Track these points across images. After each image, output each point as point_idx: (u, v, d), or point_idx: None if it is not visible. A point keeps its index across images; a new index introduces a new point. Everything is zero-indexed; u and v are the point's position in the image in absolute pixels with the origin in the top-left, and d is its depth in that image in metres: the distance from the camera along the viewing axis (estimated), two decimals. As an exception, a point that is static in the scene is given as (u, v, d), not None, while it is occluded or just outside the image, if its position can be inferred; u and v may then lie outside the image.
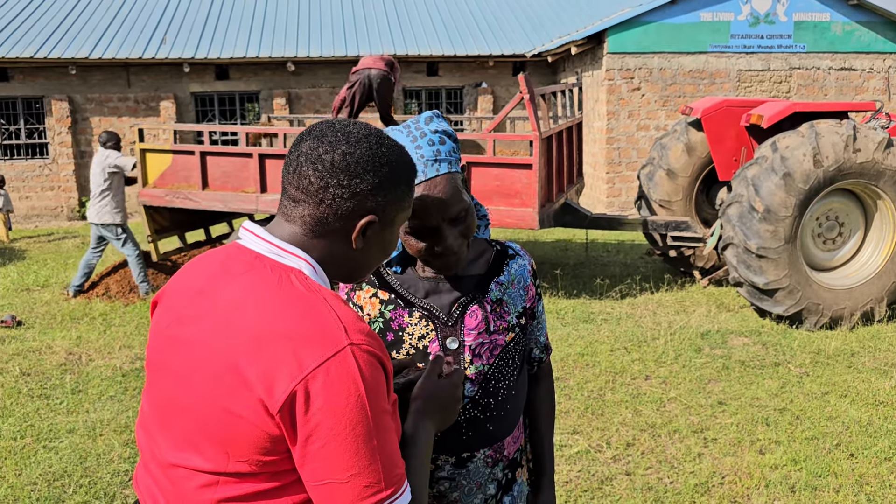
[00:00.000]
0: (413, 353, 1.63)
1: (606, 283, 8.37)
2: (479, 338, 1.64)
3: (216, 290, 1.22)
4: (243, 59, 15.24)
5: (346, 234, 1.27)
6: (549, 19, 17.72)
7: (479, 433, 1.65)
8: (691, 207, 8.48)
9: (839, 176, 6.49)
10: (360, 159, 1.24)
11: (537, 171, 6.95)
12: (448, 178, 1.53)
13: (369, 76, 8.29)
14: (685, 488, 3.85)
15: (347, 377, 1.10)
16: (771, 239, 6.41)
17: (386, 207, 1.28)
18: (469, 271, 1.67)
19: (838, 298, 6.64)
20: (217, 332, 1.17)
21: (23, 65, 14.87)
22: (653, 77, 13.43)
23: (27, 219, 15.35)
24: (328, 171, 1.23)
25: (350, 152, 1.23)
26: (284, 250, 1.24)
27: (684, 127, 8.38)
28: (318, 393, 1.09)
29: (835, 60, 13.70)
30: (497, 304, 1.67)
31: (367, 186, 1.24)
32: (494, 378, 1.65)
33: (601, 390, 5.21)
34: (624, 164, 13.70)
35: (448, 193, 1.52)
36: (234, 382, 1.13)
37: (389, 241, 1.34)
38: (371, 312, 1.65)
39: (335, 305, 1.18)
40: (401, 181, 1.29)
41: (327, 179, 1.23)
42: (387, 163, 1.26)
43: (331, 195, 1.23)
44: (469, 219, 1.57)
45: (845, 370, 5.58)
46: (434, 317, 1.63)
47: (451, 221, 1.55)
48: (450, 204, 1.52)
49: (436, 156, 1.54)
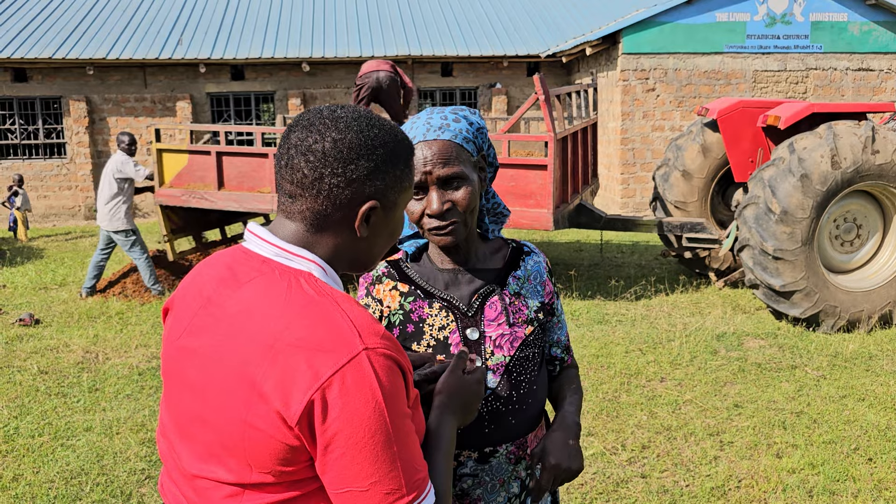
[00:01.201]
0: (434, 344, 1.63)
1: (621, 285, 8.34)
2: (499, 329, 1.65)
3: (225, 299, 1.20)
4: (258, 60, 15.31)
5: (349, 224, 1.23)
6: (564, 20, 17.68)
7: (502, 427, 1.65)
8: (707, 209, 8.44)
9: (857, 178, 6.44)
10: (351, 144, 1.20)
11: (552, 171, 6.94)
12: (446, 143, 1.56)
13: (378, 78, 8.36)
14: (701, 492, 3.83)
15: (364, 383, 1.08)
16: (788, 241, 6.37)
17: (386, 191, 1.24)
18: (487, 265, 1.69)
19: (856, 301, 6.59)
20: (229, 344, 1.15)
21: (41, 65, 15.01)
22: (668, 78, 13.37)
23: (45, 218, 15.49)
24: (320, 160, 1.19)
25: (340, 138, 1.20)
26: (291, 253, 1.21)
27: (700, 128, 8.34)
28: (335, 401, 1.07)
29: (852, 61, 13.59)
30: (515, 296, 1.68)
31: (362, 171, 1.20)
32: (516, 370, 1.66)
33: (616, 392, 5.19)
34: (639, 164, 13.65)
35: (439, 153, 1.55)
36: (250, 395, 1.11)
37: (395, 224, 1.31)
38: (391, 305, 1.66)
39: (348, 309, 1.14)
40: (398, 161, 1.25)
41: (321, 170, 1.19)
42: (380, 144, 1.22)
43: (327, 185, 1.19)
44: (463, 190, 1.56)
45: (863, 373, 5.54)
46: (454, 307, 1.64)
47: (440, 183, 1.55)
48: (437, 163, 1.54)
49: (441, 126, 1.57)
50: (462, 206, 1.56)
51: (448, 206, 1.56)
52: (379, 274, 1.70)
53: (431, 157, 1.55)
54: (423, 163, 1.54)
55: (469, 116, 1.64)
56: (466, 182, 1.57)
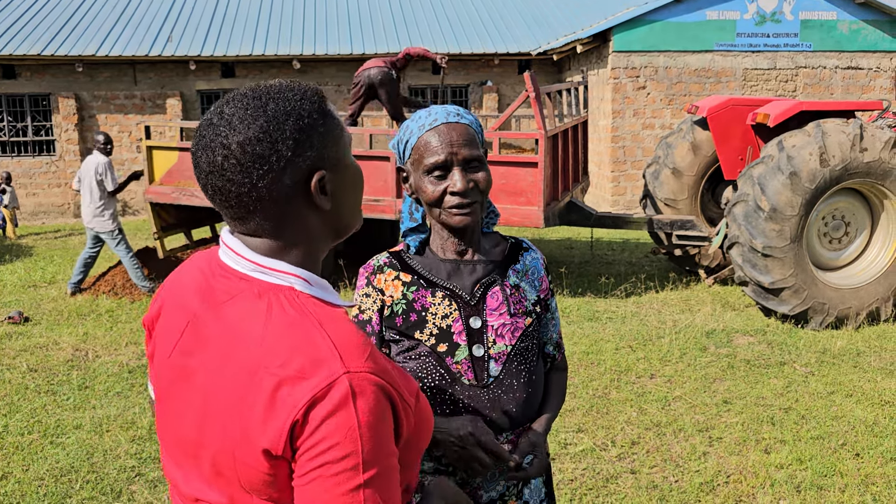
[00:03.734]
0: (437, 332, 1.66)
1: (611, 282, 8.37)
2: (500, 318, 1.69)
3: (210, 319, 1.13)
4: (249, 57, 15.26)
5: (308, 207, 1.14)
6: (555, 18, 17.70)
7: (503, 415, 1.68)
8: (697, 206, 8.47)
9: (846, 175, 6.48)
10: (259, 136, 1.08)
11: (542, 169, 6.95)
12: (467, 127, 1.64)
13: (369, 75, 8.37)
14: (690, 487, 3.85)
15: (341, 409, 1.01)
16: (777, 238, 6.41)
17: (323, 153, 1.13)
18: (488, 257, 1.74)
19: (844, 298, 6.63)
20: (221, 370, 1.09)
21: (30, 62, 14.92)
22: (658, 76, 13.41)
23: (34, 216, 15.41)
24: (241, 173, 1.08)
25: (244, 138, 1.08)
26: (267, 268, 1.11)
27: (690, 126, 8.37)
28: (311, 427, 1.01)
29: (841, 59, 13.66)
30: (515, 288, 1.73)
31: (287, 152, 1.09)
32: (517, 360, 1.70)
33: (606, 389, 5.21)
34: (629, 162, 13.69)
35: (464, 135, 1.62)
36: (236, 430, 1.06)
37: (354, 175, 1.20)
38: (393, 294, 1.69)
39: (331, 330, 1.06)
40: (315, 119, 1.13)
41: (248, 181, 1.08)
42: (285, 113, 1.10)
43: (264, 189, 1.09)
44: (482, 172, 1.64)
45: (851, 370, 5.58)
46: (457, 296, 1.68)
47: (463, 164, 1.62)
48: (463, 144, 1.61)
49: (459, 113, 1.65)
50: (482, 185, 1.64)
51: (472, 185, 1.62)
52: (380, 264, 1.73)
53: (457, 137, 1.61)
54: (450, 143, 1.61)
55: (474, 115, 1.72)
56: (484, 165, 1.65)
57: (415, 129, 1.66)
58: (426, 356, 1.66)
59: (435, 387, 1.66)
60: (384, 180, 7.48)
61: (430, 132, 1.63)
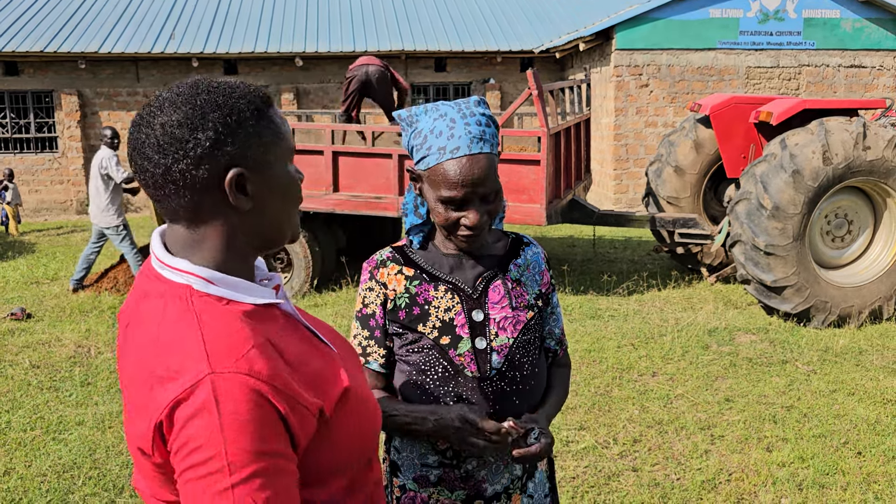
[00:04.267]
0: (440, 325, 1.67)
1: (613, 280, 8.36)
2: (502, 311, 1.71)
3: (130, 321, 1.15)
4: (251, 54, 15.26)
5: (226, 204, 1.13)
6: (558, 15, 17.68)
7: (506, 407, 1.70)
8: (699, 204, 8.47)
9: (849, 174, 6.47)
10: (181, 121, 1.09)
11: (545, 167, 6.95)
12: (488, 158, 1.62)
13: (367, 72, 8.40)
14: (692, 485, 3.85)
15: (206, 418, 1.00)
16: (779, 236, 6.40)
17: (245, 152, 1.12)
18: (489, 252, 1.76)
19: (846, 296, 6.62)
20: (129, 373, 1.11)
21: (33, 59, 14.93)
22: (661, 73, 13.40)
23: (36, 212, 15.42)
24: (158, 151, 1.09)
25: (167, 120, 1.09)
26: (172, 267, 1.12)
27: (693, 124, 8.36)
28: (176, 430, 1.01)
29: (844, 58, 13.63)
30: (517, 282, 1.75)
31: (206, 143, 1.09)
32: (519, 352, 1.72)
33: (608, 386, 5.21)
34: (632, 160, 13.68)
35: (486, 171, 1.60)
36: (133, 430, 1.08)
37: (284, 184, 1.18)
38: (396, 288, 1.71)
39: (208, 329, 1.05)
40: (243, 119, 1.13)
41: (163, 161, 1.09)
42: (214, 108, 1.11)
43: (178, 174, 1.09)
44: (497, 202, 1.66)
45: (853, 368, 5.57)
46: (459, 290, 1.70)
47: (482, 198, 1.62)
48: (485, 181, 1.60)
49: (482, 135, 1.62)
50: (495, 213, 1.66)
51: (486, 219, 1.64)
52: (383, 258, 1.75)
53: (479, 174, 1.59)
54: (471, 180, 1.58)
55: (492, 116, 1.67)
56: (499, 193, 1.66)
57: (434, 149, 1.60)
58: (429, 349, 1.68)
59: (438, 379, 1.68)
60: (386, 177, 7.48)
61: (451, 162, 1.58)
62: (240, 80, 1.21)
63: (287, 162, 1.20)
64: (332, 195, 7.64)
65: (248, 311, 1.12)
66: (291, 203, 1.21)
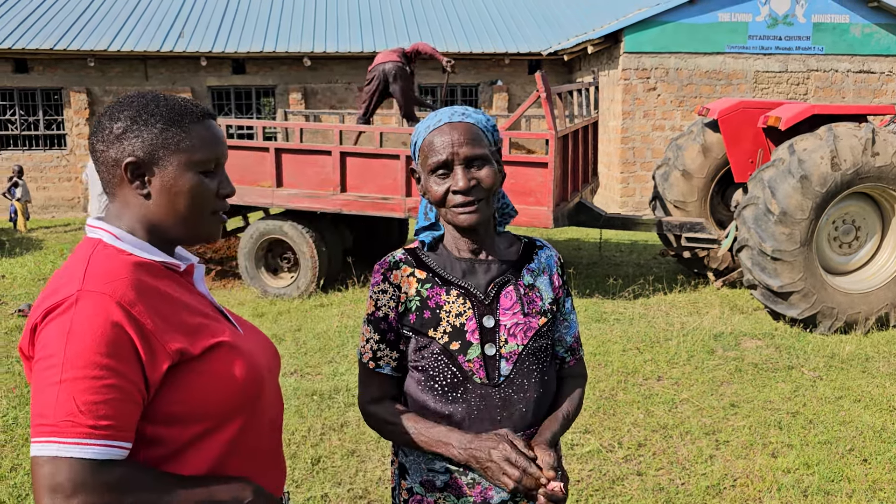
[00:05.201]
0: (451, 330, 1.66)
1: (619, 283, 8.36)
2: (514, 318, 1.69)
3: None
4: (260, 54, 15.30)
5: (129, 186, 1.36)
6: (566, 18, 17.67)
7: (514, 415, 1.68)
8: (706, 209, 8.45)
9: (857, 179, 6.46)
10: (107, 111, 1.37)
11: (552, 169, 6.95)
12: (470, 126, 1.65)
13: (384, 70, 8.33)
14: (696, 490, 3.85)
15: (61, 320, 1.19)
16: (786, 241, 6.39)
17: (149, 148, 1.34)
18: (502, 256, 1.74)
19: (853, 302, 6.61)
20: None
21: (42, 56, 14.99)
22: (669, 77, 13.38)
23: (44, 209, 15.48)
24: (92, 133, 1.38)
25: (103, 113, 1.38)
26: (90, 226, 1.37)
27: (701, 128, 8.35)
28: (39, 331, 1.22)
29: (853, 63, 13.60)
30: (530, 288, 1.73)
31: (117, 131, 1.34)
32: (529, 360, 1.70)
33: (613, 390, 5.21)
34: (638, 164, 13.66)
35: (465, 134, 1.63)
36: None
37: (184, 188, 1.37)
38: (408, 291, 1.69)
39: (94, 260, 1.28)
40: (153, 121, 1.35)
41: (92, 141, 1.38)
42: (129, 106, 1.36)
43: (100, 153, 1.36)
44: (486, 169, 1.64)
45: (859, 375, 5.56)
46: (471, 295, 1.69)
47: (465, 162, 1.62)
48: (464, 143, 1.62)
49: (464, 112, 1.66)
50: (486, 183, 1.63)
51: (474, 184, 1.62)
52: (396, 260, 1.73)
53: (458, 137, 1.62)
54: (451, 143, 1.62)
55: (489, 117, 1.73)
56: (489, 163, 1.65)
57: (422, 131, 1.68)
58: (438, 354, 1.66)
59: (447, 385, 1.66)
60: (393, 178, 7.49)
61: (434, 132, 1.64)
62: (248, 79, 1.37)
63: (193, 170, 1.38)
64: (339, 195, 7.65)
65: (142, 262, 1.33)
66: (193, 206, 1.39)
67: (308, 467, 4.07)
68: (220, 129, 1.45)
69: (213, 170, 1.41)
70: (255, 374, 1.40)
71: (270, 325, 6.91)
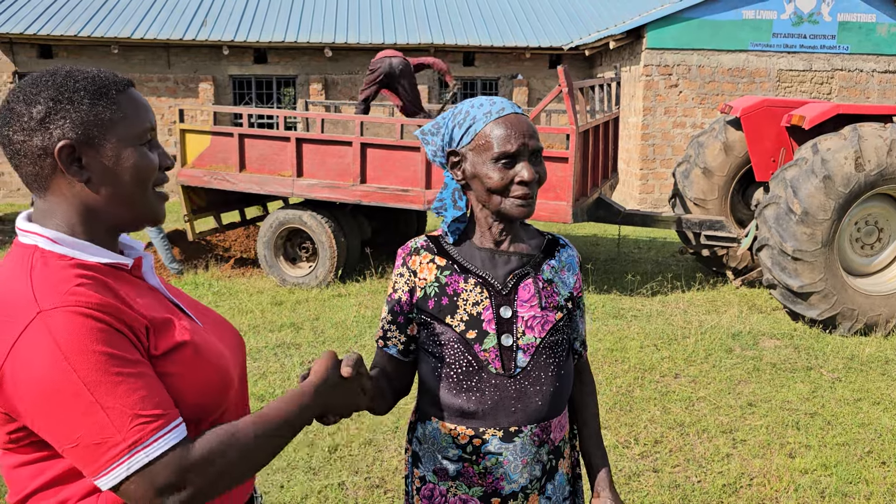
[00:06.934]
0: (467, 318, 1.67)
1: (637, 280, 8.34)
2: (531, 310, 1.70)
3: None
4: (282, 44, 15.34)
5: (63, 175, 1.22)
6: (588, 12, 17.59)
7: (528, 407, 1.68)
8: (726, 207, 8.40)
9: (881, 180, 6.40)
10: (18, 97, 1.21)
11: (573, 164, 6.93)
12: (529, 120, 1.67)
13: (391, 63, 8.41)
14: (713, 488, 3.85)
15: (39, 347, 1.08)
16: (807, 242, 6.34)
17: (81, 128, 1.21)
18: (524, 250, 1.75)
19: (874, 304, 6.55)
20: None
21: (67, 42, 15.11)
22: (691, 74, 13.29)
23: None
24: (4, 124, 1.22)
25: (13, 98, 1.22)
26: (22, 230, 1.23)
27: (723, 125, 8.30)
28: (15, 374, 1.08)
29: (879, 63, 13.44)
30: (548, 283, 1.74)
31: (38, 116, 1.19)
32: (546, 353, 1.70)
33: (630, 387, 5.21)
34: (658, 160, 13.59)
35: (530, 127, 1.66)
36: None
37: (125, 163, 1.25)
38: (427, 277, 1.71)
39: (38, 274, 1.14)
40: (78, 97, 1.21)
41: (7, 132, 1.21)
42: (45, 87, 1.21)
43: (19, 144, 1.20)
44: (543, 166, 1.68)
45: (879, 377, 5.52)
46: (489, 285, 1.69)
47: (532, 153, 1.65)
48: (532, 135, 1.64)
49: (514, 105, 1.68)
50: (542, 179, 1.67)
51: (537, 177, 1.65)
52: (417, 246, 1.75)
53: (528, 129, 1.64)
54: (521, 133, 1.63)
55: None
56: (542, 152, 1.68)
57: (479, 116, 1.65)
58: (455, 342, 1.67)
59: (462, 373, 1.67)
60: (413, 170, 7.50)
61: (499, 120, 1.63)
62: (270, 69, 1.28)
63: (134, 142, 1.26)
64: (358, 186, 7.68)
65: (88, 265, 1.21)
66: (138, 183, 1.27)
67: (325, 455, 4.10)
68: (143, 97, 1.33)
69: (150, 140, 1.30)
70: (224, 374, 1.31)
71: (289, 314, 6.96)
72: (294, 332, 6.41)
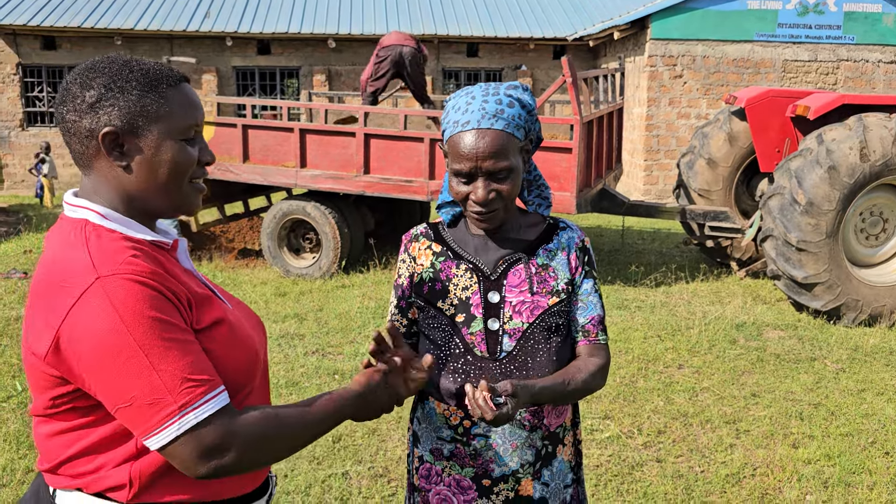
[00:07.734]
0: (457, 303, 1.71)
1: (641, 271, 8.33)
2: (520, 296, 1.70)
3: (44, 249, 1.32)
4: (285, 35, 15.31)
5: (106, 158, 1.29)
6: (592, 3, 17.52)
7: None
8: (731, 198, 8.38)
9: (886, 171, 6.37)
10: (76, 79, 1.29)
11: (577, 155, 6.92)
12: (499, 134, 1.59)
13: (401, 53, 8.26)
14: (716, 478, 3.85)
15: (98, 310, 1.15)
16: (812, 232, 6.33)
17: (126, 117, 1.27)
18: (519, 235, 1.75)
19: (878, 295, 6.54)
20: (32, 286, 1.27)
21: (70, 34, 15.11)
22: (696, 65, 13.24)
23: (70, 186, 15.64)
24: (60, 101, 1.30)
25: (71, 80, 1.30)
26: (73, 205, 1.30)
27: (727, 116, 8.27)
28: (74, 333, 1.15)
29: (885, 53, 13.38)
30: (543, 268, 1.73)
31: (90, 100, 1.27)
32: (534, 338, 1.70)
33: (633, 377, 5.21)
34: (662, 151, 13.56)
35: (491, 146, 1.58)
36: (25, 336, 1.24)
37: (164, 156, 1.31)
38: (424, 262, 1.77)
39: (93, 245, 1.22)
40: (129, 87, 1.28)
41: (61, 110, 1.29)
42: (101, 73, 1.28)
43: (70, 123, 1.28)
44: (509, 182, 1.62)
45: (883, 368, 5.51)
46: (479, 270, 1.72)
47: (487, 175, 1.61)
48: (489, 156, 1.58)
49: (496, 113, 1.59)
50: (506, 194, 1.63)
51: (493, 196, 1.62)
52: (417, 233, 1.82)
53: (484, 148, 1.58)
54: (475, 154, 1.58)
55: (523, 98, 1.65)
56: (512, 174, 1.62)
57: (451, 121, 1.63)
58: (445, 325, 1.72)
59: (451, 355, 1.72)
60: (416, 161, 7.50)
61: (462, 134, 1.60)
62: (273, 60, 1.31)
63: (176, 137, 1.32)
64: (362, 177, 7.67)
65: (135, 240, 1.28)
66: (174, 175, 1.33)
67: (329, 445, 4.11)
68: (196, 94, 1.39)
69: (193, 136, 1.35)
70: (253, 355, 1.38)
71: (293, 305, 6.97)
72: (298, 322, 6.42)
